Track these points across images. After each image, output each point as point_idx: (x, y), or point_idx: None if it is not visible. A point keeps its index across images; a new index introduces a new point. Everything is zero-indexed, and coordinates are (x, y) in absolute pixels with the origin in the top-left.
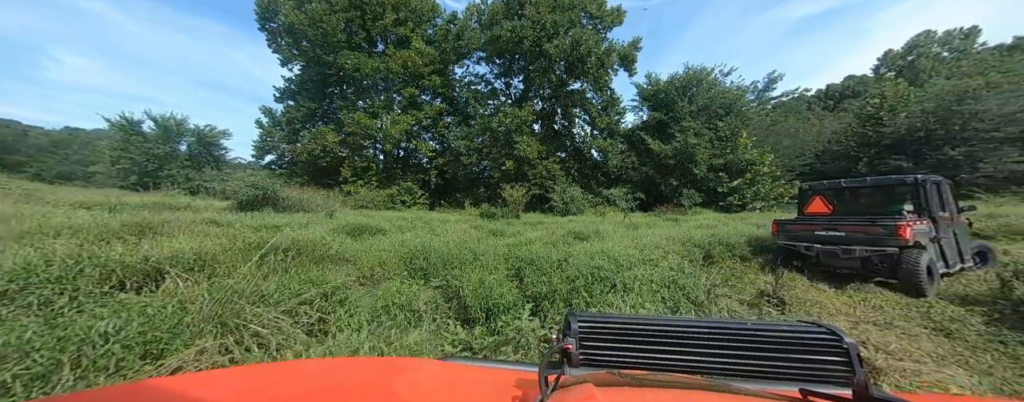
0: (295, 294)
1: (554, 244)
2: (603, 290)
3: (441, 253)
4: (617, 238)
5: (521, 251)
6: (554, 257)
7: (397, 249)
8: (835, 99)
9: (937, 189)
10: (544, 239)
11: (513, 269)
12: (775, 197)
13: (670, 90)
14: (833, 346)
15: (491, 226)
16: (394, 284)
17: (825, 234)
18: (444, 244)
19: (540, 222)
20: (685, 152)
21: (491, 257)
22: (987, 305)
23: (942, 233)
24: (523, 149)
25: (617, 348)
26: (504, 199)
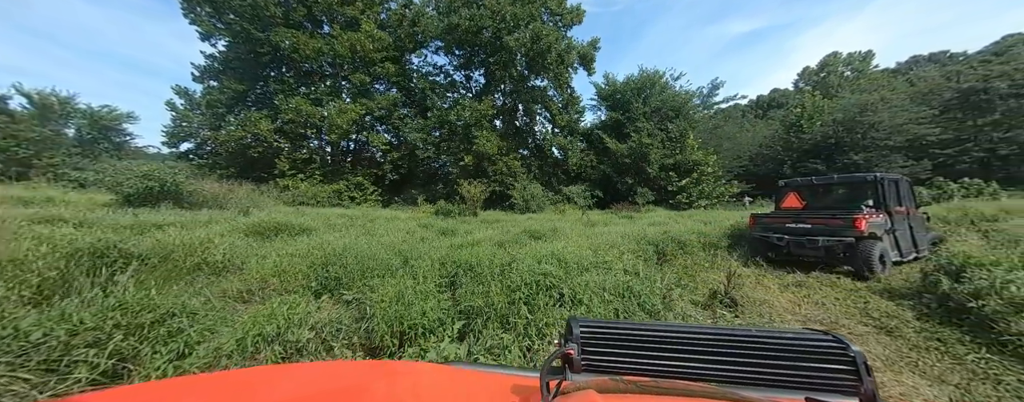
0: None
1: (505, 244)
2: (549, 301)
3: (366, 257)
4: (573, 237)
5: (462, 254)
6: (499, 261)
7: (312, 254)
8: (764, 108)
9: (895, 186)
10: (495, 239)
11: (448, 277)
12: (717, 196)
13: (626, 91)
14: (839, 355)
15: (443, 225)
16: (287, 300)
17: (794, 226)
18: (376, 246)
19: (498, 220)
20: (639, 152)
21: (426, 262)
22: (914, 299)
23: (897, 225)
24: (482, 144)
25: (619, 354)
26: (462, 196)
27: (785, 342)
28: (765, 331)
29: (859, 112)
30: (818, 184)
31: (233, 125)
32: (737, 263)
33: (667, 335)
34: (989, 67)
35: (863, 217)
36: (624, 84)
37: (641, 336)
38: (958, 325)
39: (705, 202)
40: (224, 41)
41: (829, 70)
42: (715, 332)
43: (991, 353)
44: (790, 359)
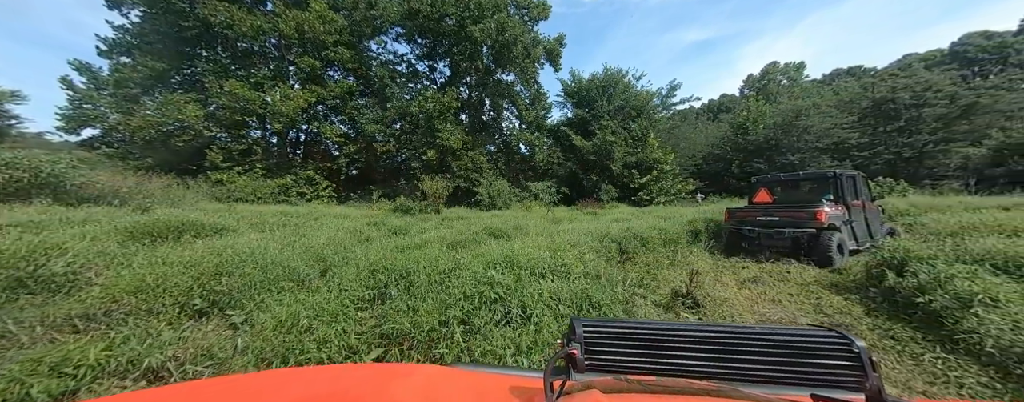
0: None
1: (458, 245)
2: (492, 318)
3: (274, 265)
4: (535, 235)
5: (401, 259)
6: (443, 266)
7: (204, 261)
8: (715, 112)
9: (852, 181)
10: (450, 238)
11: (377, 288)
12: (675, 192)
13: (591, 89)
14: (843, 350)
15: (397, 223)
16: (145, 326)
17: (764, 219)
18: (297, 250)
19: (461, 217)
20: (604, 149)
21: (351, 270)
22: (861, 293)
23: (854, 217)
24: (446, 138)
25: (623, 353)
26: (424, 192)
27: (789, 339)
28: (769, 328)
29: (795, 116)
30: (786, 180)
31: (151, 109)
32: (696, 258)
33: (671, 333)
34: (896, 80)
35: (823, 210)
36: (589, 82)
37: (645, 335)
38: (907, 320)
39: (664, 199)
40: (138, 10)
41: (769, 78)
42: (719, 330)
43: (946, 351)
44: (794, 356)
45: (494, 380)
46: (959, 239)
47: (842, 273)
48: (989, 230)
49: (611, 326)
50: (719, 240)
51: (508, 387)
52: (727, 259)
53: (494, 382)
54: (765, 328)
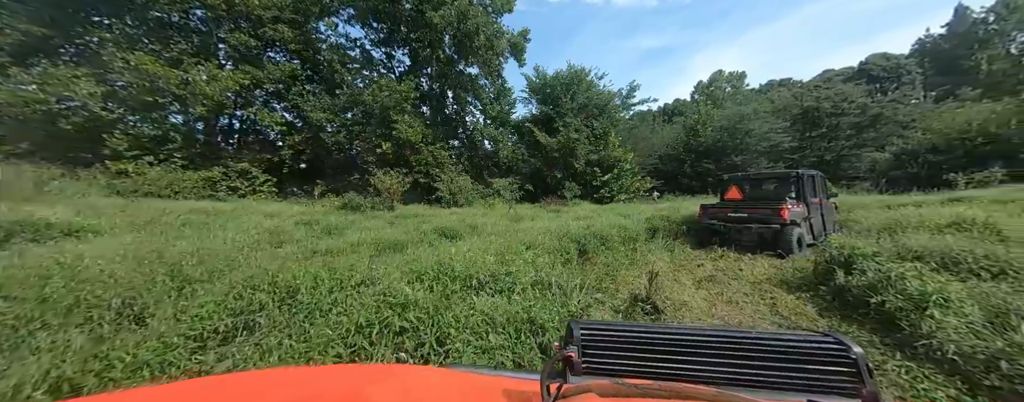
0: None
1: (396, 248)
2: (387, 359)
3: (92, 281)
4: (490, 235)
5: (303, 269)
6: (355, 278)
7: None
8: (669, 115)
9: (812, 180)
10: (389, 240)
11: (247, 313)
12: (634, 190)
13: (556, 85)
14: (841, 356)
15: (336, 222)
16: None
17: (734, 215)
18: (146, 264)
19: (416, 215)
20: (568, 147)
21: (223, 286)
22: (811, 291)
23: (812, 213)
24: (404, 131)
25: (620, 357)
26: (376, 188)
27: (786, 344)
28: (766, 333)
29: (738, 121)
30: (755, 178)
31: (27, 82)
32: (655, 256)
33: (668, 337)
34: (819, 91)
35: (787, 207)
36: (554, 78)
37: (642, 338)
38: (861, 322)
39: (624, 196)
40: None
41: (716, 85)
42: (716, 334)
43: (907, 357)
44: (791, 361)
45: (490, 382)
46: (891, 235)
47: (792, 270)
48: (913, 226)
49: (608, 329)
50: (675, 237)
51: (504, 389)
52: (684, 255)
53: (490, 384)
54: (762, 333)
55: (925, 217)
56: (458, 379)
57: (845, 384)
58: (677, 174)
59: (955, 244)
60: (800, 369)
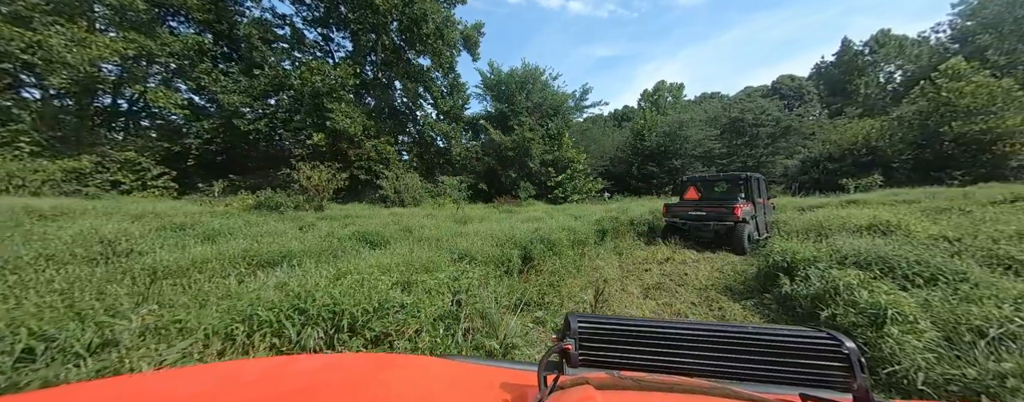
0: None
1: (275, 262)
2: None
3: None
4: (420, 241)
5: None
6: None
7: None
8: (619, 120)
9: (757, 182)
10: (274, 252)
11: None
12: (586, 191)
13: (511, 83)
14: (833, 351)
15: (231, 225)
16: None
17: (694, 213)
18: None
19: (347, 216)
20: (523, 145)
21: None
22: (755, 298)
23: (758, 212)
24: (340, 121)
25: (616, 349)
26: (302, 184)
27: (780, 338)
28: (761, 328)
29: (678, 127)
30: (709, 180)
31: None
32: (603, 261)
33: (664, 331)
34: (743, 104)
35: (739, 206)
36: (509, 75)
37: (638, 332)
38: None
39: (577, 197)
40: None
41: (659, 94)
42: (711, 328)
43: (874, 384)
44: (785, 355)
45: (489, 373)
46: (822, 238)
47: (733, 273)
48: (836, 228)
49: (606, 322)
50: (623, 239)
51: (502, 380)
52: (632, 258)
53: (488, 375)
54: (757, 328)
55: (846, 218)
56: (458, 369)
57: (838, 378)
58: (625, 176)
59: (887, 249)
60: (793, 363)
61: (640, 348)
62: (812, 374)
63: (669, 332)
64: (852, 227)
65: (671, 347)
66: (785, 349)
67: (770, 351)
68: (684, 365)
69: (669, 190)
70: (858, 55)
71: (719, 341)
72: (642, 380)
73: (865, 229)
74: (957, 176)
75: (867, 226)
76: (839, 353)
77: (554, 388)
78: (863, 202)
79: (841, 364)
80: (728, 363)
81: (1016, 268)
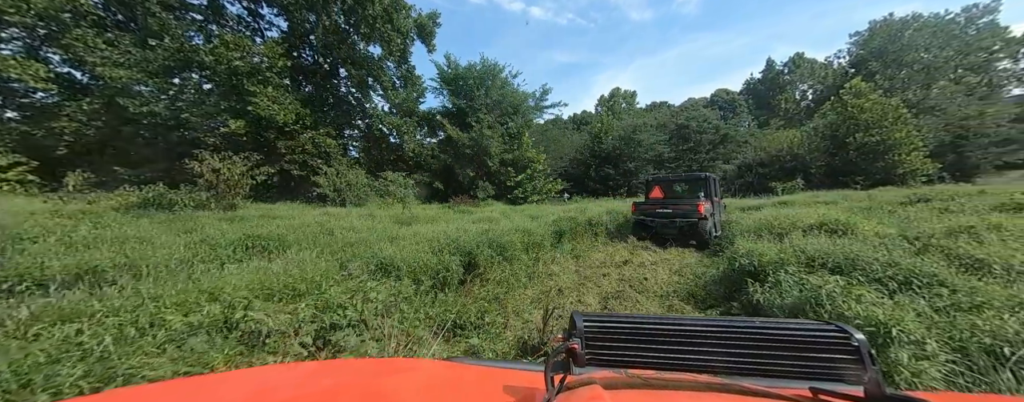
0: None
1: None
2: None
3: None
4: (341, 247)
5: None
6: None
7: None
8: (578, 124)
9: (714, 182)
10: (88, 265)
11: None
12: (546, 192)
13: (469, 78)
14: (843, 344)
15: (61, 229)
16: None
17: (661, 211)
18: None
19: (263, 216)
20: (481, 143)
21: None
22: (721, 308)
23: (715, 210)
24: (266, 107)
25: (623, 348)
26: (208, 178)
27: (789, 332)
28: (770, 322)
29: (632, 132)
30: (672, 179)
31: None
32: (559, 266)
33: (671, 328)
34: (688, 112)
35: (702, 204)
36: (467, 70)
37: (645, 329)
38: None
39: (537, 197)
40: None
41: (615, 100)
42: (719, 324)
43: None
44: (794, 349)
45: (496, 374)
46: (778, 237)
47: (693, 277)
48: (787, 227)
49: (612, 321)
50: (581, 240)
51: (509, 381)
52: (589, 262)
53: (496, 376)
54: (765, 322)
55: (794, 217)
56: (465, 372)
57: (848, 371)
58: (584, 177)
59: (852, 249)
60: (803, 357)
61: (647, 346)
62: (822, 367)
63: (676, 329)
64: (803, 226)
65: (679, 344)
66: (794, 343)
67: (779, 345)
68: (692, 362)
69: (624, 192)
70: (779, 74)
71: (727, 336)
72: (650, 378)
73: (817, 228)
74: (859, 180)
75: (818, 224)
76: (849, 345)
77: (561, 388)
78: (792, 203)
79: (851, 357)
80: (737, 358)
81: (980, 268)
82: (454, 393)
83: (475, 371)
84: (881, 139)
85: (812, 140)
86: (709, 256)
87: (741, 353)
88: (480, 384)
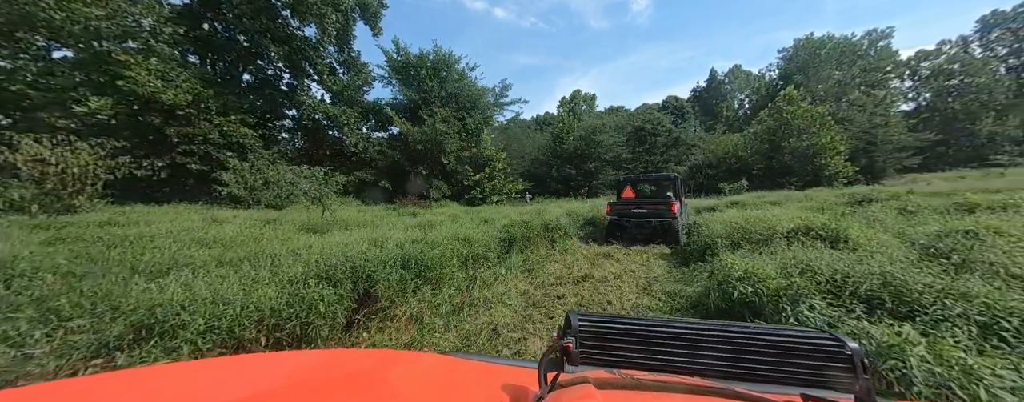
0: None
1: None
2: None
3: None
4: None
5: None
6: None
7: None
8: (541, 125)
9: (680, 182)
10: None
11: None
12: (507, 192)
13: (421, 67)
14: (836, 352)
15: None
16: None
17: (636, 211)
18: None
19: (112, 222)
20: (434, 139)
21: None
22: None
23: (681, 211)
24: (145, 82)
25: (617, 348)
26: (41, 172)
27: (782, 339)
28: (763, 328)
29: (592, 132)
30: (643, 179)
31: None
32: (504, 285)
33: (665, 330)
34: (644, 115)
35: (675, 203)
36: (419, 59)
37: (639, 331)
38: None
39: (497, 198)
40: None
41: (576, 102)
42: (713, 327)
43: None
44: (787, 355)
45: (490, 370)
46: (758, 244)
47: (664, 297)
48: (766, 232)
49: (607, 321)
50: (536, 248)
51: (503, 377)
52: (543, 276)
53: (490, 372)
54: (759, 327)
55: (771, 221)
56: (459, 366)
57: (840, 379)
58: (546, 178)
59: (876, 266)
60: (795, 363)
61: (641, 347)
62: (814, 374)
63: (671, 331)
64: (783, 231)
65: (672, 346)
66: (787, 349)
67: (772, 351)
68: (685, 364)
69: (585, 192)
70: (721, 84)
71: (721, 340)
72: (643, 379)
73: (801, 233)
74: (793, 181)
75: (801, 229)
76: (841, 354)
77: (554, 386)
78: (743, 203)
79: (843, 365)
80: (730, 363)
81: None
82: (450, 386)
83: (471, 366)
84: (811, 143)
85: (752, 144)
86: (677, 266)
87: (734, 357)
88: (475, 379)
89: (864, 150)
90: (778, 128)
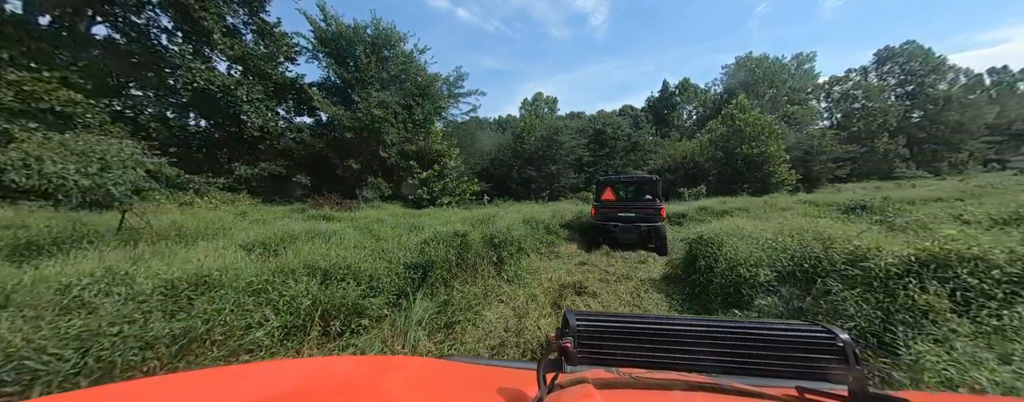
0: None
1: None
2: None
3: None
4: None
5: None
6: None
7: None
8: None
9: (661, 183)
10: None
11: None
12: (460, 193)
13: (356, 41)
14: (829, 345)
15: None
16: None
17: (624, 214)
18: None
19: None
20: (370, 127)
21: None
22: None
23: None
24: None
25: (615, 347)
26: None
27: (777, 333)
28: (758, 323)
29: (554, 134)
30: (624, 181)
31: None
32: None
33: (662, 327)
34: (605, 119)
35: (663, 207)
36: (353, 31)
37: (637, 329)
38: None
39: (449, 199)
40: None
41: (537, 104)
42: (709, 324)
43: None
44: (782, 349)
45: (488, 372)
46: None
47: None
48: (743, 237)
49: (604, 320)
50: (468, 277)
51: (501, 379)
52: (473, 335)
53: (488, 374)
54: (754, 323)
55: (745, 230)
56: (456, 370)
57: (833, 370)
58: (506, 179)
59: None
60: (790, 357)
61: (639, 345)
62: (808, 367)
63: (667, 328)
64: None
65: (670, 343)
66: (781, 343)
67: (767, 345)
68: (683, 361)
69: (546, 195)
70: (672, 95)
71: (717, 337)
72: (642, 377)
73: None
74: (745, 188)
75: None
76: (834, 346)
77: (553, 387)
78: (710, 209)
79: (836, 357)
80: (726, 358)
81: None
82: (447, 390)
83: (468, 369)
84: (760, 152)
85: (706, 150)
86: (669, 296)
87: (731, 353)
88: (473, 382)
89: (801, 159)
90: (731, 135)
